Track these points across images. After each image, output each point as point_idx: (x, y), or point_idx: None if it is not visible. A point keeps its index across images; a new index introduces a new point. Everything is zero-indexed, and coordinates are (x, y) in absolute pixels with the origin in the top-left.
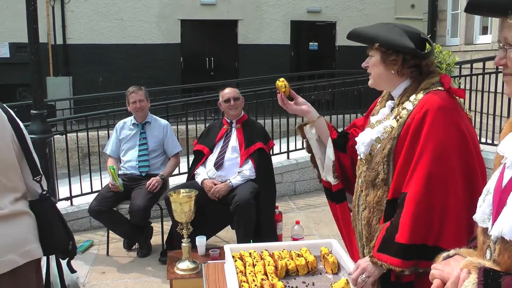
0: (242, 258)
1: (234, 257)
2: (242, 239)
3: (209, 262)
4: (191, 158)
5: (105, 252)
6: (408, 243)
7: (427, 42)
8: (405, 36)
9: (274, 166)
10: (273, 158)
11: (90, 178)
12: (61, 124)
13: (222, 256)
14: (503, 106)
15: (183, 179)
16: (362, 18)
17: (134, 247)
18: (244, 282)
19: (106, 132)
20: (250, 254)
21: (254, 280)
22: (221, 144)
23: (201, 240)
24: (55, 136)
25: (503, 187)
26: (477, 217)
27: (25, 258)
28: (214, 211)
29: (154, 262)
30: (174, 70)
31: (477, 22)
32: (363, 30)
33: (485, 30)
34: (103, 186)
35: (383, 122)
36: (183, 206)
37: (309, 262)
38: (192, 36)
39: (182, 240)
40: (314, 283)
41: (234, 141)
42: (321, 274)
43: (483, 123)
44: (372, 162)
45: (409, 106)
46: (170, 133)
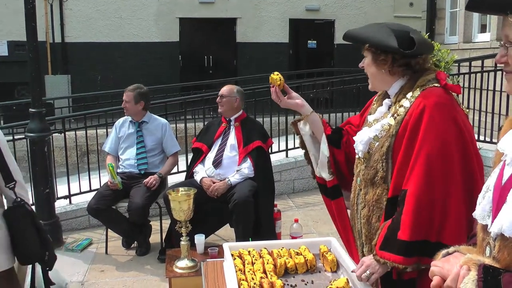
0: (241, 257)
1: (233, 255)
2: (241, 238)
3: (208, 260)
4: (190, 156)
5: (103, 250)
6: (410, 240)
7: (415, 40)
8: (391, 35)
9: (272, 164)
10: (271, 156)
11: (88, 176)
12: (59, 122)
13: (221, 254)
14: (502, 104)
15: (182, 178)
16: (361, 16)
17: (133, 246)
18: (243, 280)
19: (105, 130)
20: (249, 252)
21: (253, 278)
22: (219, 142)
23: (200, 238)
24: (54, 134)
25: (503, 184)
26: (476, 214)
27: None
28: (213, 210)
29: (153, 260)
30: (173, 68)
31: (475, 20)
32: (355, 31)
33: (483, 28)
34: (102, 185)
35: (381, 120)
36: (182, 204)
37: (308, 260)
38: (190, 34)
39: (181, 238)
40: (313, 281)
41: (232, 139)
42: (320, 272)
43: (482, 121)
44: (370, 160)
45: (406, 103)
46: (169, 132)
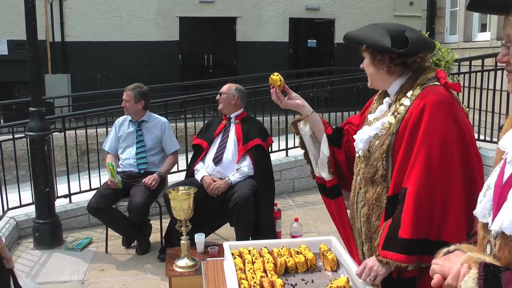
0: (241, 256)
1: (233, 254)
2: (241, 237)
3: (208, 259)
4: (190, 155)
5: (104, 249)
6: (411, 238)
7: (409, 39)
8: (386, 35)
9: (273, 163)
10: (272, 155)
11: (88, 175)
12: (59, 121)
13: (221, 253)
14: (502, 104)
15: (182, 177)
16: (361, 16)
17: (133, 245)
18: (243, 279)
19: (105, 129)
20: (249, 251)
21: (253, 277)
22: (219, 139)
23: (200, 237)
24: (54, 133)
25: (504, 182)
26: (477, 212)
27: None
28: (213, 209)
29: (153, 259)
30: (173, 67)
31: (475, 19)
32: (353, 33)
33: (483, 28)
34: (102, 184)
35: (381, 118)
36: (182, 203)
37: (308, 259)
38: (190, 33)
39: (181, 237)
40: (313, 280)
41: (232, 136)
42: (320, 271)
43: (482, 121)
44: (370, 159)
45: (406, 101)
46: (169, 131)
